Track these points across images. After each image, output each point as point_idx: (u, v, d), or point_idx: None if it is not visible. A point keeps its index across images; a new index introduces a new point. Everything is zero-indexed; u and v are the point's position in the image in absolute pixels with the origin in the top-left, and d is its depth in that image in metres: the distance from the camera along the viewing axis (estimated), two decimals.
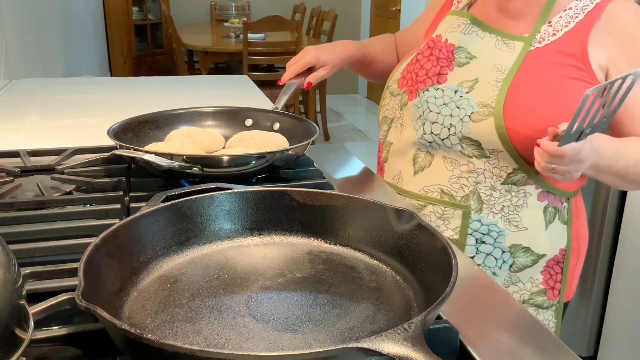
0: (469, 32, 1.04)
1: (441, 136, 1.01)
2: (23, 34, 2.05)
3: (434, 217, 1.04)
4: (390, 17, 5.58)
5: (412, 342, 0.41)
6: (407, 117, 1.07)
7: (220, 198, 0.67)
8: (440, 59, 1.04)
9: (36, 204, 0.80)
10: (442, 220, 1.04)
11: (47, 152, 1.02)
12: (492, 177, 0.99)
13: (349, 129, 5.19)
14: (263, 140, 0.99)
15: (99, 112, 1.47)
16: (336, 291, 0.58)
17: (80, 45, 3.45)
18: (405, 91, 1.08)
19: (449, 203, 1.03)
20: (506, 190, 0.99)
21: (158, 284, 0.59)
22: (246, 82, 1.96)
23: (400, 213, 0.62)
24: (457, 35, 1.05)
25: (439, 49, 1.05)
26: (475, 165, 1.00)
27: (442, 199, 1.03)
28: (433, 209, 1.04)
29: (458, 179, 1.02)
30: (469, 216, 1.01)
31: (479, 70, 1.00)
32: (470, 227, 1.02)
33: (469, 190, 1.01)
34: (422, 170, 1.05)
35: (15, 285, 0.43)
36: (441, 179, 1.03)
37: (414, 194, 1.06)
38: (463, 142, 0.99)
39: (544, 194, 1.00)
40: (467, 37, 1.03)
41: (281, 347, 0.49)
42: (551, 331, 0.65)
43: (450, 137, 1.00)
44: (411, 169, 1.07)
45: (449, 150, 1.01)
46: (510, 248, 1.02)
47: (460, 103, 0.99)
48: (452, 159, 1.02)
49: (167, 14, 4.77)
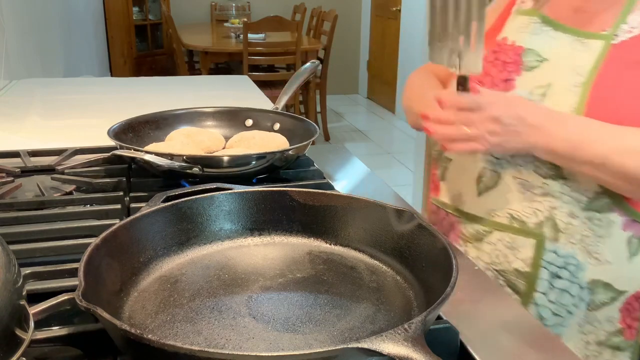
0: (538, 32, 0.91)
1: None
2: (23, 34, 2.05)
3: (501, 245, 0.91)
4: (390, 17, 5.58)
5: (412, 342, 0.41)
6: None
7: (220, 198, 0.67)
8: (507, 63, 0.92)
9: (36, 204, 0.81)
10: (511, 249, 0.90)
11: (47, 152, 1.02)
12: (571, 201, 0.85)
13: (349, 129, 5.19)
14: (263, 140, 0.99)
15: (99, 112, 1.47)
16: (336, 291, 0.58)
17: (80, 45, 3.44)
18: None
19: (519, 230, 0.89)
20: (587, 217, 0.85)
21: (158, 284, 0.59)
22: (246, 82, 1.96)
23: (400, 213, 0.62)
24: (525, 36, 0.92)
25: (505, 53, 0.93)
26: (550, 187, 0.86)
27: (511, 225, 0.89)
28: (500, 236, 0.91)
29: (530, 202, 0.87)
30: (542, 246, 0.87)
31: (552, 74, 0.87)
32: (543, 259, 0.88)
33: (544, 216, 0.87)
34: (487, 190, 0.92)
35: (15, 285, 0.43)
36: (510, 202, 0.89)
37: (478, 218, 0.93)
38: (537, 159, 0.86)
39: (629, 223, 0.86)
40: (536, 38, 0.91)
41: (281, 347, 0.49)
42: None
43: None
44: (474, 188, 0.93)
45: (519, 168, 0.88)
46: (589, 284, 0.87)
47: None
48: (523, 179, 0.88)
49: (167, 14, 4.77)
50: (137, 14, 5.21)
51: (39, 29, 2.34)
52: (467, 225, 0.95)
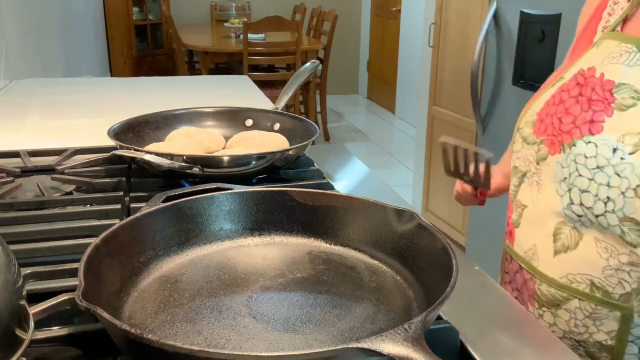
0: (636, 63, 0.74)
1: (594, 211, 0.75)
2: (23, 34, 2.05)
3: (581, 315, 0.79)
4: (390, 17, 5.58)
5: (412, 342, 0.41)
6: (547, 175, 0.81)
7: (220, 198, 0.67)
8: (593, 100, 0.76)
9: (36, 204, 0.80)
10: (592, 319, 0.78)
11: (47, 152, 1.02)
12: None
13: (349, 129, 5.20)
14: (263, 140, 0.99)
15: (99, 112, 1.47)
16: (336, 291, 0.58)
17: (80, 45, 3.44)
18: (543, 140, 0.82)
19: (602, 301, 0.77)
20: None
21: (158, 284, 0.59)
22: (246, 82, 1.96)
23: (400, 213, 0.62)
24: (618, 67, 0.76)
25: (592, 87, 0.77)
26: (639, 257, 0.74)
27: (593, 294, 0.78)
28: (580, 305, 0.79)
29: (616, 271, 0.75)
30: (630, 320, 0.76)
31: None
32: (631, 333, 0.76)
33: (631, 287, 0.75)
34: (565, 250, 0.80)
35: (15, 285, 0.43)
36: (592, 268, 0.77)
37: (554, 281, 0.81)
38: (624, 223, 0.73)
39: None
40: (633, 70, 0.74)
41: (281, 347, 0.49)
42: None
43: (607, 214, 0.74)
44: (550, 245, 0.81)
45: (604, 231, 0.75)
46: None
47: (621, 169, 0.72)
48: (608, 243, 0.75)
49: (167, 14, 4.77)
50: (137, 14, 5.21)
51: (39, 29, 2.34)
52: (542, 287, 0.83)
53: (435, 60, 2.89)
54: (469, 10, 2.58)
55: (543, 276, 0.82)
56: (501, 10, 2.26)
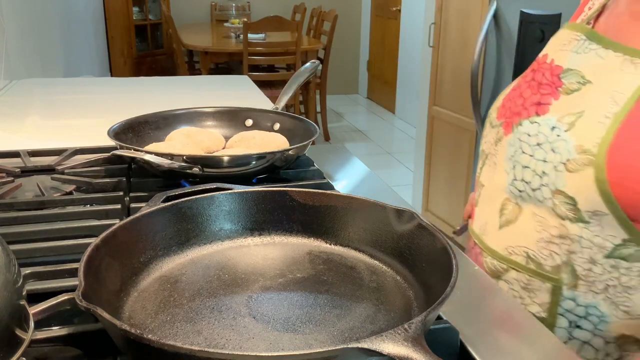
0: (584, 51, 0.79)
1: (532, 185, 0.78)
2: (23, 34, 2.05)
3: (517, 286, 0.83)
4: (390, 17, 5.58)
5: (412, 342, 0.41)
6: (501, 155, 0.85)
7: (220, 198, 0.67)
8: (543, 84, 0.81)
9: (36, 204, 0.80)
10: (527, 291, 0.82)
11: (47, 152, 1.02)
12: (592, 247, 0.75)
13: (349, 129, 5.20)
14: (263, 140, 0.99)
15: (99, 112, 1.47)
16: (336, 291, 0.58)
17: (80, 45, 3.44)
18: (502, 123, 0.87)
19: (536, 272, 0.80)
20: (612, 265, 0.74)
21: (158, 284, 0.59)
22: (246, 82, 1.96)
23: (400, 213, 0.62)
24: (567, 54, 0.81)
25: (542, 73, 0.83)
26: (568, 230, 0.75)
27: (528, 266, 0.81)
28: (517, 276, 0.83)
29: (547, 243, 0.78)
30: (559, 292, 0.78)
31: (590, 100, 0.75)
32: (560, 306, 0.79)
33: (561, 260, 0.77)
34: (507, 224, 0.84)
35: (15, 285, 0.43)
36: (528, 240, 0.80)
37: (497, 253, 0.85)
38: (556, 196, 0.76)
39: None
40: (581, 57, 0.79)
41: (281, 347, 0.49)
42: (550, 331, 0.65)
43: (542, 187, 0.77)
44: (497, 220, 0.85)
45: (539, 205, 0.78)
46: (616, 339, 0.76)
47: (557, 145, 0.75)
48: (542, 216, 0.78)
49: (167, 14, 4.77)
50: (137, 14, 5.21)
51: (39, 29, 2.34)
52: (487, 260, 0.87)
53: (435, 60, 2.90)
54: (469, 10, 2.58)
55: (488, 249, 0.87)
56: (501, 10, 2.26)
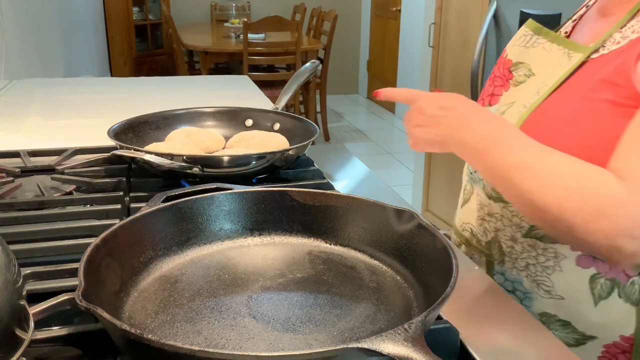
0: (532, 45, 0.85)
1: None
2: (23, 34, 2.05)
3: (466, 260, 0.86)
4: (390, 17, 5.58)
5: (412, 342, 0.41)
6: None
7: (220, 198, 0.67)
8: (497, 77, 0.89)
9: (36, 204, 0.81)
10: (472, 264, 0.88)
11: (47, 152, 1.02)
12: (511, 225, 0.81)
13: (349, 129, 5.19)
14: (263, 140, 0.99)
15: (99, 112, 1.47)
16: (336, 291, 0.58)
17: (80, 45, 3.44)
18: None
19: (475, 247, 0.88)
20: (529, 244, 0.79)
21: (158, 284, 0.59)
22: (246, 82, 1.96)
23: (400, 213, 0.62)
24: (517, 48, 0.87)
25: (498, 66, 0.90)
26: (492, 208, 0.83)
27: (471, 241, 0.89)
28: (466, 250, 0.91)
29: (482, 220, 0.86)
30: (492, 266, 0.85)
31: (525, 91, 0.81)
32: (494, 279, 0.82)
33: (490, 236, 0.85)
34: (464, 203, 0.92)
35: (15, 285, 0.43)
36: (472, 218, 0.89)
37: (456, 229, 0.94)
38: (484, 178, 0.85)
39: (588, 260, 0.75)
40: (529, 51, 0.85)
41: (281, 347, 0.49)
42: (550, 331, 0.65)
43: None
44: (461, 199, 0.94)
45: (478, 185, 0.87)
46: (540, 316, 0.80)
47: None
48: (481, 196, 0.86)
49: (167, 14, 4.77)
50: (137, 14, 5.21)
51: (39, 29, 2.34)
52: (453, 235, 0.96)
53: (435, 60, 2.89)
54: (469, 10, 2.58)
55: (453, 226, 0.97)
56: (501, 10, 2.26)
